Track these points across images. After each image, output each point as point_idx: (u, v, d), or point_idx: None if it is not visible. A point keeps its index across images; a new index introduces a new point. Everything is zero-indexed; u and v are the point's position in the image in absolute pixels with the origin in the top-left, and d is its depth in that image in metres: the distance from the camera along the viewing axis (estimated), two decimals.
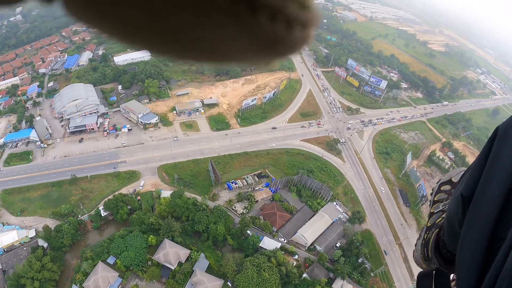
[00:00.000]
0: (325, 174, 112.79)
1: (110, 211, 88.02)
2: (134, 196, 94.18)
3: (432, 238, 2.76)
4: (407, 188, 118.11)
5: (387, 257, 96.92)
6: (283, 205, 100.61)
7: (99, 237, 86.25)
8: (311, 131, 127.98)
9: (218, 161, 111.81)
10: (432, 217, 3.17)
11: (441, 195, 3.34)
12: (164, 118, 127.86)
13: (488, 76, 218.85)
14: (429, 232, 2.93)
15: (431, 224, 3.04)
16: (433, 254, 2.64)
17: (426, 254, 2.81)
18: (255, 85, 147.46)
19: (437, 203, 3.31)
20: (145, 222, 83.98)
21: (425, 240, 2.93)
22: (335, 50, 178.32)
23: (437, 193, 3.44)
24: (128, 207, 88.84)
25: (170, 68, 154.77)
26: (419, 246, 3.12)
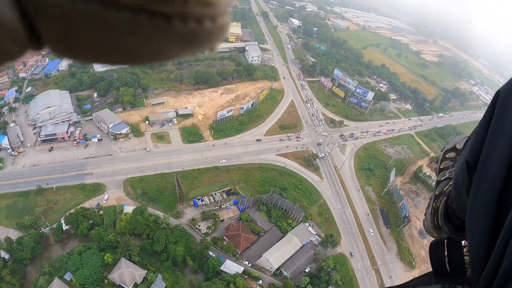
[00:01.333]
0: (299, 192, 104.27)
1: (71, 225, 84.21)
2: (97, 210, 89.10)
3: (441, 206, 2.69)
4: (389, 207, 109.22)
5: (361, 284, 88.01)
6: (249, 225, 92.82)
7: (61, 251, 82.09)
8: (289, 145, 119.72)
9: (186, 175, 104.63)
10: (439, 185, 3.03)
11: (446, 163, 3.20)
12: (136, 128, 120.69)
13: (481, 87, 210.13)
14: (437, 201, 2.83)
15: (439, 193, 2.92)
16: (443, 222, 2.59)
17: (436, 223, 2.74)
18: (235, 94, 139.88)
19: (443, 171, 3.15)
20: (104, 238, 79.60)
21: (434, 208, 2.84)
22: (322, 59, 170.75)
23: (442, 160, 3.27)
24: (89, 222, 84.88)
25: (149, 75, 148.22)
26: (428, 215, 2.98)
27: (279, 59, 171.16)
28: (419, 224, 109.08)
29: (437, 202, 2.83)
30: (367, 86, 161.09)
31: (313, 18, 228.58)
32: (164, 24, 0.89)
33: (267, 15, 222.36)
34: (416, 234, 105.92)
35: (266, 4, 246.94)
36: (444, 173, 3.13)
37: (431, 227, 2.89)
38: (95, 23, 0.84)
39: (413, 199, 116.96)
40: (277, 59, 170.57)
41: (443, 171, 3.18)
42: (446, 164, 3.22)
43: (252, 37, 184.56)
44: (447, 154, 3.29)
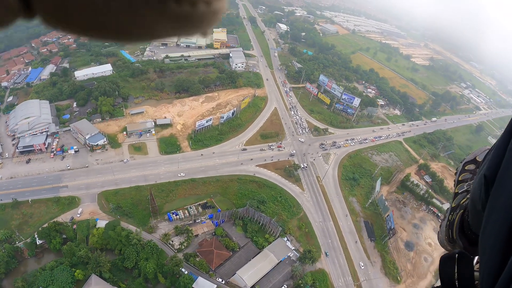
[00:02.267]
0: (279, 205, 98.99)
1: (44, 240, 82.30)
2: (70, 224, 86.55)
3: (457, 219, 2.63)
4: (374, 219, 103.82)
5: None
6: (224, 241, 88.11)
7: (36, 265, 79.90)
8: (270, 155, 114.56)
9: (162, 188, 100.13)
10: (456, 198, 2.97)
11: (465, 175, 3.12)
12: (113, 139, 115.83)
13: (472, 91, 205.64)
14: (454, 213, 2.78)
15: (456, 205, 2.86)
16: (457, 236, 2.52)
17: (451, 236, 2.67)
18: (216, 103, 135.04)
19: (461, 183, 3.09)
20: (76, 254, 77.77)
21: (450, 221, 2.78)
22: (308, 65, 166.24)
23: (461, 172, 3.20)
24: (63, 236, 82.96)
25: (130, 84, 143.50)
26: (443, 227, 2.93)
27: (265, 65, 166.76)
28: (406, 235, 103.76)
29: (453, 215, 2.72)
30: (355, 91, 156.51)
31: (302, 23, 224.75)
32: (158, 4, 0.90)
33: (255, 20, 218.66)
34: (402, 246, 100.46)
35: (254, 9, 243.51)
36: (463, 186, 3.00)
37: (445, 240, 2.79)
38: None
39: (400, 209, 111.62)
40: (262, 65, 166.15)
41: (461, 183, 3.05)
42: (465, 176, 3.07)
43: (237, 43, 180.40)
44: (467, 166, 3.13)
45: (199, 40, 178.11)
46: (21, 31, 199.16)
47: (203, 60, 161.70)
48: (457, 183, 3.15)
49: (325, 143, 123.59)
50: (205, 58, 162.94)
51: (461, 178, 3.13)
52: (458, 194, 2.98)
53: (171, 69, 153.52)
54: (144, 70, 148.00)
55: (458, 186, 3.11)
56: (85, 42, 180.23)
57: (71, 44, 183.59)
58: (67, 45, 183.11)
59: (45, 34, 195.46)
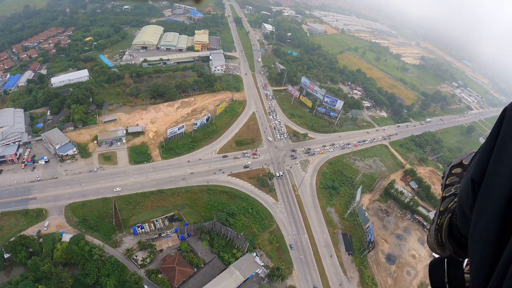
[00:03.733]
0: (250, 217, 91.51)
1: (10, 253, 79.22)
2: (37, 238, 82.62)
3: (445, 223, 2.60)
4: (353, 231, 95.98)
5: None
6: (188, 256, 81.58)
7: (6, 278, 76.81)
8: (244, 163, 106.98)
9: (129, 200, 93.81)
10: (444, 202, 2.96)
11: (452, 179, 3.12)
12: (84, 148, 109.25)
13: (464, 90, 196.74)
14: (442, 217, 2.75)
15: (444, 209, 2.84)
16: (447, 239, 2.49)
17: (440, 239, 2.64)
18: (192, 108, 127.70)
19: (448, 187, 3.08)
20: (40, 268, 74.30)
21: (439, 225, 2.74)
22: (291, 66, 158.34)
23: (448, 176, 3.19)
24: (29, 250, 79.50)
25: (105, 89, 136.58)
26: (432, 231, 2.89)
27: (246, 68, 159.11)
28: (387, 247, 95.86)
29: (442, 219, 2.70)
30: (339, 93, 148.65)
31: (289, 23, 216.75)
32: None
33: (241, 20, 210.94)
34: (383, 259, 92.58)
35: (241, 9, 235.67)
36: (450, 189, 2.99)
37: (435, 243, 2.75)
38: None
39: (382, 219, 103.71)
40: (243, 67, 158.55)
41: (448, 187, 3.03)
42: (452, 180, 3.06)
43: (219, 44, 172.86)
44: (453, 169, 3.13)
45: (180, 42, 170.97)
46: (4, 36, 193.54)
47: (182, 63, 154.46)
48: (445, 187, 3.07)
49: (295, 150, 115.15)
50: (184, 62, 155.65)
51: (448, 182, 3.05)
52: (446, 198, 2.91)
53: (149, 74, 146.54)
54: (120, 75, 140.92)
55: (446, 189, 3.02)
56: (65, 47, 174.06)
57: (51, 49, 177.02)
58: (47, 50, 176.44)
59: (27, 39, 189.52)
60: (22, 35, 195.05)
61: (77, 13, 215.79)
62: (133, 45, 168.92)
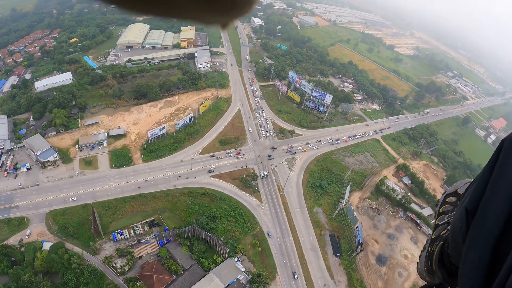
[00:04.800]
0: (232, 221, 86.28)
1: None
2: (19, 247, 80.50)
3: (437, 250, 2.56)
4: (341, 232, 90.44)
5: None
6: (167, 263, 76.98)
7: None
8: (227, 164, 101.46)
9: (109, 205, 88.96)
10: (437, 229, 2.93)
11: (446, 207, 3.11)
12: (65, 154, 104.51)
13: (460, 80, 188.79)
14: (434, 245, 2.71)
15: (436, 236, 2.80)
16: (437, 267, 2.46)
17: (430, 267, 2.62)
18: (175, 108, 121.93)
19: (442, 215, 3.07)
20: (21, 278, 72.76)
21: (430, 252, 2.71)
22: (280, 61, 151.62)
23: (442, 204, 3.18)
24: (12, 259, 78.45)
25: (89, 92, 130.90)
26: (423, 258, 2.87)
27: (233, 63, 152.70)
28: (378, 248, 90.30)
29: (433, 246, 2.66)
30: (329, 86, 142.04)
31: (279, 16, 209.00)
32: None
33: None
34: (373, 261, 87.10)
35: None
36: (443, 217, 2.98)
37: (425, 270, 2.73)
38: None
39: (373, 218, 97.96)
40: (230, 63, 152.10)
41: (442, 215, 3.02)
42: (445, 208, 3.05)
43: (206, 40, 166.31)
44: (448, 198, 3.11)
45: (166, 40, 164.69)
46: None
47: (167, 61, 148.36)
48: (438, 215, 3.05)
49: (275, 148, 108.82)
50: (170, 60, 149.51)
51: (442, 210, 3.04)
52: (439, 226, 2.88)
53: (133, 74, 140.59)
54: (104, 76, 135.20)
55: (439, 217, 3.00)
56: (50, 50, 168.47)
57: (37, 52, 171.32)
58: (32, 54, 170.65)
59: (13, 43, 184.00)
60: (8, 40, 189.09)
61: (64, 14, 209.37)
62: (117, 45, 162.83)
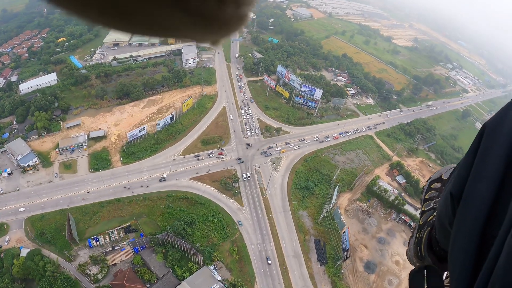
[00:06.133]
0: (210, 226, 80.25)
1: None
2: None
3: (425, 236, 2.58)
4: (327, 236, 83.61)
5: None
6: (140, 271, 72.36)
7: None
8: (208, 165, 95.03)
9: (86, 210, 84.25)
10: (423, 216, 2.95)
11: (431, 193, 3.10)
12: (45, 158, 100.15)
13: (459, 71, 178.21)
14: (421, 231, 2.73)
15: (423, 223, 2.83)
16: (426, 253, 2.49)
17: (419, 253, 2.64)
18: (158, 107, 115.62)
19: (428, 201, 3.06)
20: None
21: (418, 238, 2.74)
22: (270, 55, 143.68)
23: (427, 191, 3.16)
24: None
25: (72, 93, 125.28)
26: (412, 245, 2.90)
27: (221, 59, 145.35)
28: (367, 254, 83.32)
29: (421, 232, 2.69)
30: (321, 81, 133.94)
31: (272, 9, 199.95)
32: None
33: None
34: (361, 268, 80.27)
35: None
36: (429, 203, 2.98)
37: (414, 257, 2.75)
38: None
39: (363, 221, 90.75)
40: (218, 58, 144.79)
41: (428, 201, 3.01)
42: (431, 194, 3.05)
43: None
44: (433, 184, 3.10)
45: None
46: None
47: (153, 58, 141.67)
48: (424, 201, 3.04)
49: (250, 145, 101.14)
50: (156, 57, 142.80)
51: (428, 196, 3.04)
52: (425, 212, 2.90)
53: (118, 72, 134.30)
54: (88, 76, 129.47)
55: (425, 204, 3.00)
56: (37, 50, 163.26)
57: (24, 53, 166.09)
58: (20, 55, 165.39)
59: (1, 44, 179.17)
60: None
61: (53, 13, 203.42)
62: (104, 43, 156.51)
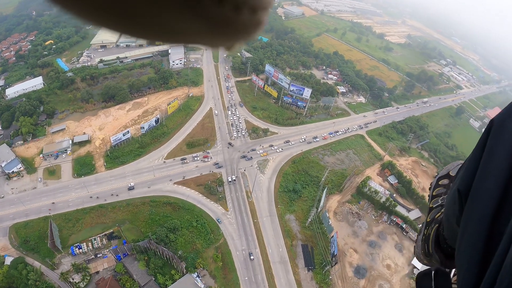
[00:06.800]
0: (194, 232, 77.66)
1: None
2: None
3: (432, 233, 2.54)
4: (315, 241, 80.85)
5: None
6: (122, 280, 69.99)
7: None
8: (193, 168, 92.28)
9: (69, 217, 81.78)
10: (431, 212, 2.91)
11: (439, 190, 3.08)
12: (30, 164, 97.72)
13: (453, 68, 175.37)
14: (429, 228, 2.69)
15: (431, 219, 2.79)
16: (433, 250, 2.45)
17: (427, 250, 2.60)
18: (143, 109, 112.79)
19: (435, 198, 3.04)
20: None
21: (425, 235, 2.69)
22: (259, 54, 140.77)
23: (435, 187, 3.14)
24: None
25: (58, 96, 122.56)
26: (419, 241, 2.86)
27: (209, 58, 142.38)
28: (357, 258, 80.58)
29: (429, 229, 2.66)
30: (310, 79, 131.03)
31: None
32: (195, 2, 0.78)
33: None
34: (350, 273, 77.53)
35: None
36: (437, 200, 2.95)
37: (422, 254, 2.71)
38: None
39: (353, 224, 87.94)
40: (206, 58, 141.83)
41: (435, 198, 2.99)
42: (439, 191, 3.02)
43: None
44: (440, 180, 3.08)
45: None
46: None
47: (140, 60, 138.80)
48: (432, 198, 3.03)
49: (232, 144, 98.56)
50: (143, 58, 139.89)
51: (435, 193, 3.01)
52: (433, 209, 2.87)
53: (104, 75, 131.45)
54: (73, 79, 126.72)
55: (433, 200, 2.99)
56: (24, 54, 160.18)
57: (12, 57, 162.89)
58: (7, 59, 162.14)
59: None
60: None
61: (42, 16, 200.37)
62: (91, 45, 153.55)
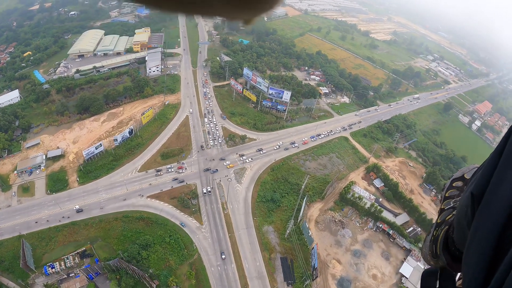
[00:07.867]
0: (167, 248, 74.16)
1: None
2: None
3: (441, 235, 2.52)
4: (295, 253, 77.28)
5: None
6: None
7: None
8: (166, 181, 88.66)
9: (43, 236, 78.97)
10: (442, 214, 2.87)
11: (452, 191, 3.07)
12: (5, 181, 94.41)
13: (440, 63, 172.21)
14: (439, 229, 2.66)
15: (441, 221, 2.76)
16: (441, 252, 2.41)
17: (435, 251, 2.56)
18: (118, 120, 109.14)
19: (448, 199, 3.01)
20: None
21: (434, 236, 2.66)
22: (238, 57, 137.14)
23: (448, 189, 3.12)
24: None
25: (34, 110, 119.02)
26: (428, 242, 2.81)
27: (188, 64, 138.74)
28: (340, 270, 77.01)
29: (438, 231, 2.62)
30: (291, 81, 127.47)
31: None
32: None
33: None
34: (333, 286, 73.93)
35: None
36: (449, 202, 2.92)
37: (429, 255, 2.67)
38: None
39: (336, 234, 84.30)
40: (185, 64, 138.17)
41: (448, 200, 2.96)
42: (452, 193, 3.00)
43: (161, 42, 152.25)
44: (454, 183, 3.05)
45: (118, 45, 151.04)
46: None
47: (117, 68, 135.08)
48: (444, 199, 3.00)
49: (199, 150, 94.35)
50: (120, 66, 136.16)
51: (448, 195, 3.00)
52: (444, 210, 2.84)
53: (80, 85, 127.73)
54: (49, 91, 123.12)
55: (445, 202, 2.96)
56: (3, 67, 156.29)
57: None
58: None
59: None
60: None
61: (22, 26, 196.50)
62: (69, 55, 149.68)
